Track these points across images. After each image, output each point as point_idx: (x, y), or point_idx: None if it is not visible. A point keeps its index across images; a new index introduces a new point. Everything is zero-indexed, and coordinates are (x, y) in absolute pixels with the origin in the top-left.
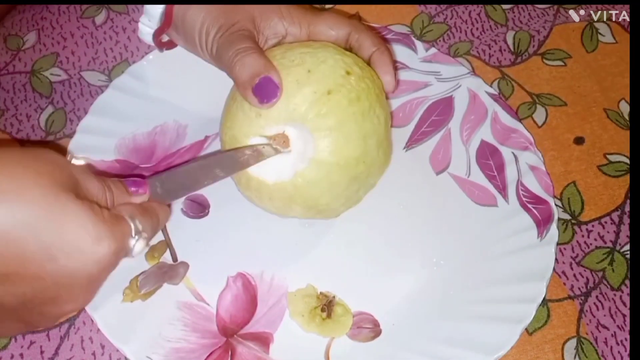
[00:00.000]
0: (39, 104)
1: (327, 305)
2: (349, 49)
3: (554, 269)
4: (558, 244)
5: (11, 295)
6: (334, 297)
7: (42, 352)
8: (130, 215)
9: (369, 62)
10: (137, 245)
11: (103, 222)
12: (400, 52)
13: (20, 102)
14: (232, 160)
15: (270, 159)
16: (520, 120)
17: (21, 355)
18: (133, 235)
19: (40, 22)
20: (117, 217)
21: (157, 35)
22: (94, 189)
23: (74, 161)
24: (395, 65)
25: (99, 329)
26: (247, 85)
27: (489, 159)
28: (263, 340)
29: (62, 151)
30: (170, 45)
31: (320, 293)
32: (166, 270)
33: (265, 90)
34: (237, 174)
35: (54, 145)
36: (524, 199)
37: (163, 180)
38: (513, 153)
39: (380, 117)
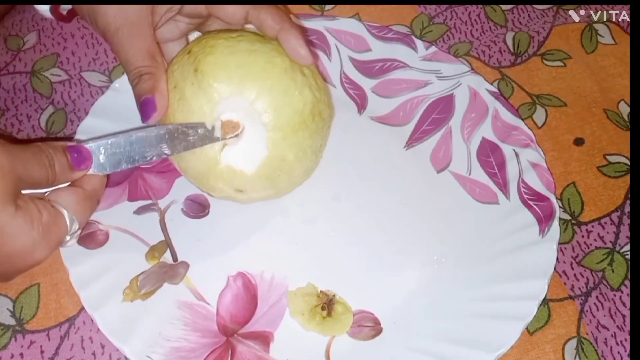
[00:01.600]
0: (39, 104)
1: (327, 304)
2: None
3: (554, 269)
4: (559, 243)
5: None
6: (334, 295)
7: (42, 352)
8: (68, 210)
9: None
10: (70, 242)
11: (39, 235)
12: (401, 50)
13: (21, 102)
14: (180, 139)
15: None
16: (521, 117)
17: (21, 355)
18: (69, 233)
19: (40, 22)
20: (55, 218)
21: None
22: (37, 175)
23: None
24: (307, 37)
25: (99, 329)
26: (137, 100)
27: (490, 157)
28: (263, 339)
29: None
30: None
31: (321, 291)
32: (166, 270)
33: (145, 109)
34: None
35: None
36: (525, 196)
37: (106, 148)
38: (514, 150)
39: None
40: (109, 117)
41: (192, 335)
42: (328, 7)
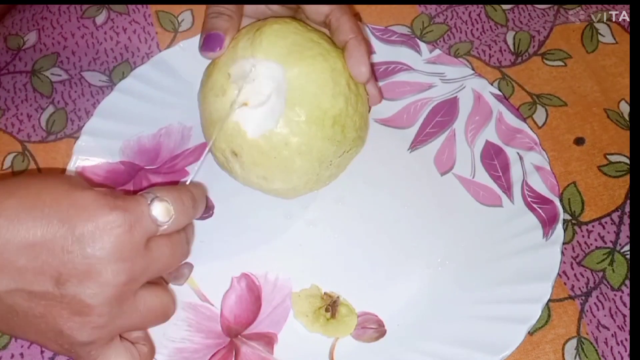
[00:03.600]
0: (39, 103)
1: (331, 306)
2: (326, 26)
3: None
4: None
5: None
6: (338, 297)
7: (42, 352)
8: (145, 193)
9: (343, 48)
10: (155, 208)
11: (113, 198)
12: (405, 53)
13: (21, 101)
14: None
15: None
16: (525, 120)
17: (21, 354)
18: (150, 202)
19: (40, 21)
20: (130, 195)
21: None
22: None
23: None
24: (371, 58)
25: None
26: (206, 33)
27: (494, 160)
28: (267, 340)
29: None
30: None
31: (325, 293)
32: (170, 271)
33: (210, 43)
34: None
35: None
36: (529, 199)
37: None
38: (518, 153)
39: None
40: (113, 118)
41: (196, 336)
42: None
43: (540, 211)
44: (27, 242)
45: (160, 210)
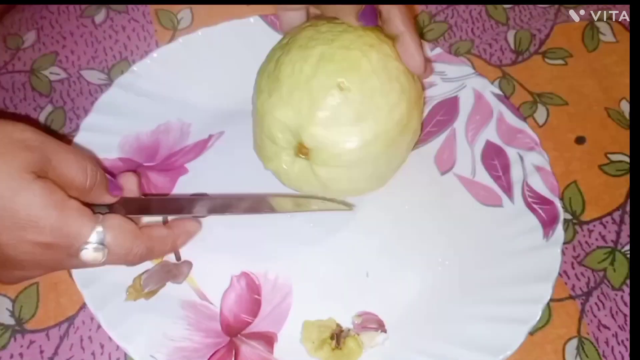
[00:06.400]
0: (38, 102)
1: (337, 334)
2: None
3: None
4: None
5: None
6: (349, 330)
7: (41, 352)
8: (100, 225)
9: (394, 39)
10: (87, 254)
11: (56, 213)
12: None
13: (20, 101)
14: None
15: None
16: (525, 120)
17: (21, 355)
18: (89, 241)
19: (39, 21)
20: (80, 215)
21: None
22: (72, 174)
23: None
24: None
25: (98, 328)
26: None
27: (495, 159)
28: (267, 339)
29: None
30: None
31: (337, 325)
32: (170, 269)
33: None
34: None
35: (32, 121)
36: (529, 199)
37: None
38: (518, 153)
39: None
40: (112, 114)
41: (196, 335)
42: None
43: (541, 212)
44: None
45: (88, 257)
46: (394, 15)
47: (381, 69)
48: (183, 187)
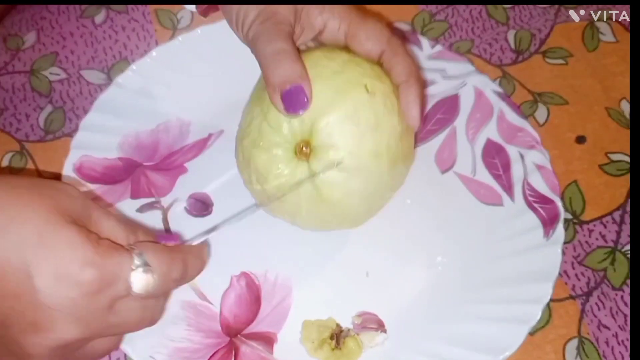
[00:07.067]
0: (38, 103)
1: (337, 334)
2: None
3: None
4: None
5: None
6: (349, 330)
7: None
8: (136, 248)
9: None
10: (136, 277)
11: (93, 248)
12: None
13: (20, 101)
14: None
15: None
16: (526, 118)
17: None
18: (134, 267)
19: (40, 21)
20: (116, 247)
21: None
22: (109, 227)
23: None
24: (424, 102)
25: None
26: (277, 88)
27: (495, 158)
28: (267, 340)
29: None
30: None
31: (337, 325)
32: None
33: (294, 99)
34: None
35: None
36: (530, 198)
37: None
38: (519, 152)
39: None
40: (111, 113)
41: (196, 335)
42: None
43: (541, 211)
44: None
45: (140, 283)
46: (396, 63)
47: (396, 97)
48: (182, 186)
